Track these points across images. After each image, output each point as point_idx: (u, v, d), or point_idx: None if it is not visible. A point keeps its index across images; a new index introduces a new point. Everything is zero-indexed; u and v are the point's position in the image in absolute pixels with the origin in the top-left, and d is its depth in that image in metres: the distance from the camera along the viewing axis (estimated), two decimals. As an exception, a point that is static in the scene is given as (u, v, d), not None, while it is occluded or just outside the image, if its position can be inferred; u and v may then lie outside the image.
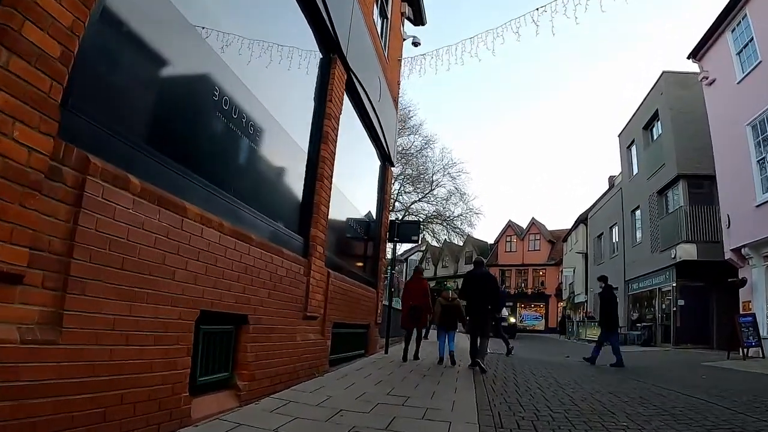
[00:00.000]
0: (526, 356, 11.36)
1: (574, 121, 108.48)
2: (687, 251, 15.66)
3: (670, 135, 17.45)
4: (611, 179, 31.73)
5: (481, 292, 7.36)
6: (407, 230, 9.22)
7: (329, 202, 5.49)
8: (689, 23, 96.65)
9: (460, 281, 9.08)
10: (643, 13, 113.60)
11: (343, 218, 7.28)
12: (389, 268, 9.31)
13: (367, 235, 8.75)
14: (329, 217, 5.67)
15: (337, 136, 5.75)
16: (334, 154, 5.66)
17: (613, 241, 24.37)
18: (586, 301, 28.90)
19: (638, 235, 20.67)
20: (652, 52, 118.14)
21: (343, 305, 6.32)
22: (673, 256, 16.14)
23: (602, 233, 26.35)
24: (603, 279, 10.35)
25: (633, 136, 21.67)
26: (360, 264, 8.13)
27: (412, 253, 54.39)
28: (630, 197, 21.54)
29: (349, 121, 7.24)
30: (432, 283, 46.91)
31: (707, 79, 14.52)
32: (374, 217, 9.05)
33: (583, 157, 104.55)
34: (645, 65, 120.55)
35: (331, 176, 5.56)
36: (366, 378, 5.45)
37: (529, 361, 9.89)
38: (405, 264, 50.94)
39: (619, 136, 23.92)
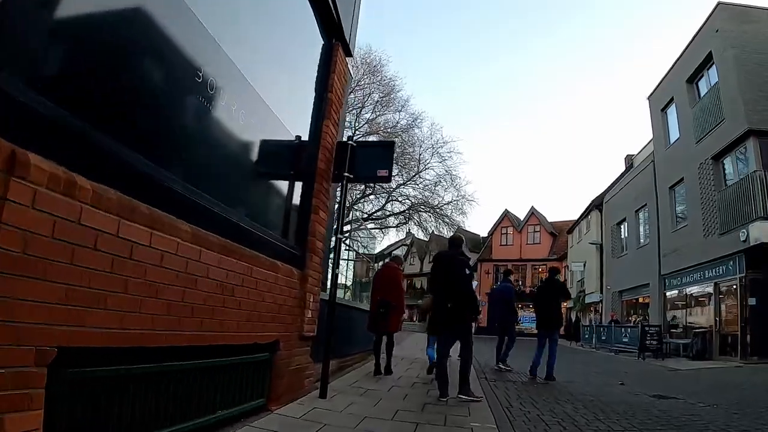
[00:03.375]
0: (557, 380, 7.33)
1: (576, 107, 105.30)
2: (766, 231, 11.74)
3: (733, 81, 13.58)
4: (629, 158, 28.05)
5: (450, 282, 5.29)
6: (370, 158, 5.07)
7: None
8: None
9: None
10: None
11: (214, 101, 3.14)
12: (335, 232, 5.09)
13: (291, 165, 4.63)
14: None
15: None
16: None
17: (641, 227, 20.49)
18: (601, 300, 25.06)
19: (681, 216, 16.81)
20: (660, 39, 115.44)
21: (145, 296, 2.23)
22: (743, 239, 12.22)
23: (624, 219, 22.46)
24: (553, 271, 8.43)
25: (671, 93, 17.78)
26: (260, 215, 3.96)
27: (397, 247, 50.40)
28: (668, 170, 17.61)
29: None
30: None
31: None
32: (306, 136, 4.91)
33: (587, 143, 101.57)
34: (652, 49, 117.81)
35: None
36: None
37: (575, 395, 5.80)
38: (386, 260, 46.99)
39: (649, 98, 20.06)
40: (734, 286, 12.99)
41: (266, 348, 3.81)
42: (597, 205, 26.90)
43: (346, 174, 4.97)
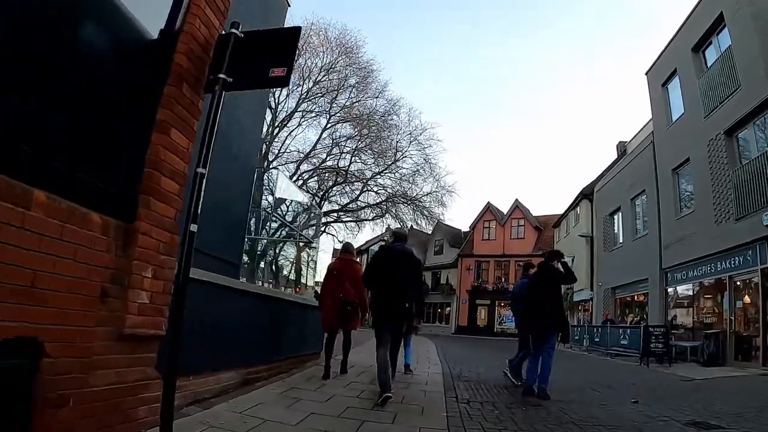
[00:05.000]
0: (552, 398, 5.63)
1: (561, 100, 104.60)
2: (792, 214, 10.26)
3: (752, 42, 12.08)
4: (621, 145, 26.71)
5: (399, 277, 5.07)
6: (261, 53, 3.28)
7: None
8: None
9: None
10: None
11: None
12: (200, 164, 3.18)
13: (116, 52, 2.82)
14: None
15: None
16: None
17: (638, 216, 19.03)
18: (591, 298, 23.60)
19: (686, 201, 15.36)
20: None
21: None
22: (766, 223, 10.71)
23: (618, 208, 21.00)
24: (556, 254, 6.82)
25: (674, 64, 16.31)
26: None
27: (374, 243, 48.36)
28: (670, 151, 16.13)
29: None
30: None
31: None
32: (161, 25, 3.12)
33: (573, 136, 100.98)
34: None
35: None
36: None
37: (581, 425, 4.08)
38: (366, 256, 44.72)
39: (647, 74, 18.61)
40: (754, 278, 11.47)
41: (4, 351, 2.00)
42: (587, 194, 25.44)
43: (221, 76, 3.16)
